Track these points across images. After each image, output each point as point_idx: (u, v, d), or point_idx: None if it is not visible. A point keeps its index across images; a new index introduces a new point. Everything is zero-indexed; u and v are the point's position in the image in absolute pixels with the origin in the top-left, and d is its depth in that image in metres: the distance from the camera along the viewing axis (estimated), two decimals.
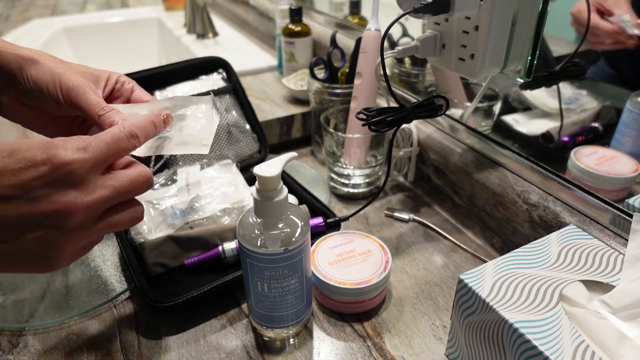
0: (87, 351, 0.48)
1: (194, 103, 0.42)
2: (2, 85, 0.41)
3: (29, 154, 0.31)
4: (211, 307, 0.52)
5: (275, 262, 0.42)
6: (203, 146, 0.41)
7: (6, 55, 0.40)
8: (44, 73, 0.41)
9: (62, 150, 0.32)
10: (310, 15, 1.05)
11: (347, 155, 0.68)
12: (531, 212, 0.54)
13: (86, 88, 0.41)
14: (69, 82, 0.40)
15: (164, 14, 1.56)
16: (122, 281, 0.56)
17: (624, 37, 0.51)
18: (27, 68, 0.40)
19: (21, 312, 0.52)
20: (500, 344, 0.38)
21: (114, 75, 0.45)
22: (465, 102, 0.68)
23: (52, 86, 0.40)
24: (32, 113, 0.44)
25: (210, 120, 0.42)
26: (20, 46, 0.41)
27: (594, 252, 0.44)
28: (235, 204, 0.60)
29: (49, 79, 0.40)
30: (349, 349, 0.48)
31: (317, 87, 0.75)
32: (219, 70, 0.76)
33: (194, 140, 0.41)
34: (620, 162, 0.52)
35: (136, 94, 0.45)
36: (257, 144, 0.75)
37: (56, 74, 0.41)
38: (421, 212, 0.68)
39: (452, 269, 0.58)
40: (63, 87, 0.40)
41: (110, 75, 0.45)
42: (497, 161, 0.60)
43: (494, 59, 0.51)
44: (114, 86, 0.45)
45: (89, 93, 0.41)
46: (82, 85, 0.41)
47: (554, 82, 0.60)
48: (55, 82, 0.40)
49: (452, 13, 0.47)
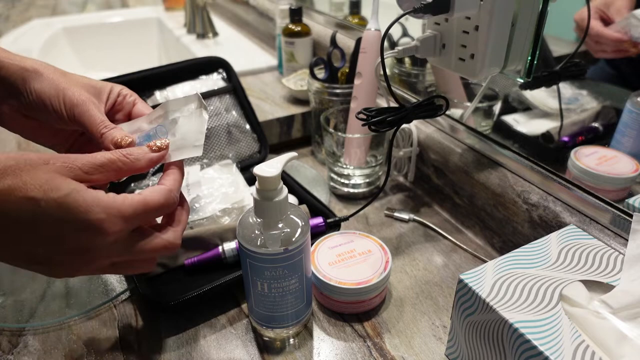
0: (87, 351, 0.48)
1: (183, 104, 0.42)
2: (3, 95, 0.41)
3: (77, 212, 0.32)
4: (211, 307, 0.52)
5: (275, 262, 0.42)
6: (195, 148, 0.40)
7: (9, 67, 0.40)
8: (47, 87, 0.40)
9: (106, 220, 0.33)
10: (310, 15, 1.05)
11: (347, 155, 0.68)
12: (531, 212, 0.54)
13: (90, 105, 0.41)
14: (73, 97, 0.40)
15: (164, 14, 1.56)
16: (122, 281, 0.56)
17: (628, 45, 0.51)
18: (30, 81, 0.40)
19: (21, 312, 0.52)
20: (500, 344, 0.39)
21: (116, 88, 0.44)
22: (465, 102, 0.68)
23: (55, 100, 0.40)
24: (33, 124, 0.43)
25: (200, 119, 0.41)
26: (23, 56, 0.41)
27: (594, 252, 0.44)
28: (235, 204, 0.61)
29: (53, 93, 0.40)
30: (349, 349, 0.48)
31: (317, 87, 0.75)
32: (219, 70, 0.76)
33: (187, 143, 0.41)
34: (620, 162, 0.52)
35: (137, 107, 0.45)
36: (257, 144, 0.75)
37: (60, 88, 0.40)
38: (421, 212, 0.68)
39: (452, 269, 0.58)
40: (67, 102, 0.40)
41: (113, 88, 0.44)
42: (497, 161, 0.60)
43: (494, 59, 0.51)
44: (115, 99, 0.44)
45: (93, 110, 0.41)
46: (86, 101, 0.40)
47: (554, 82, 0.60)
48: (60, 96, 0.40)
49: (452, 13, 0.47)
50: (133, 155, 0.37)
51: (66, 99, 0.40)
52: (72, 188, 0.32)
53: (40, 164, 0.32)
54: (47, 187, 0.32)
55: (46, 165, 0.32)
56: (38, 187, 0.31)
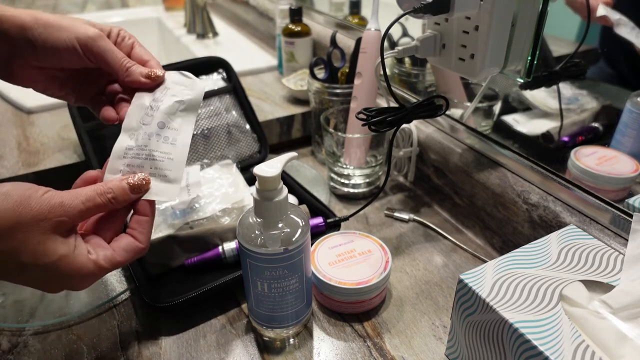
0: (87, 351, 0.48)
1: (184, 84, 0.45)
2: (12, 50, 0.41)
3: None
4: (211, 307, 0.52)
5: (275, 262, 0.42)
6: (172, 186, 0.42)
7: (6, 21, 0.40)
8: (53, 29, 0.41)
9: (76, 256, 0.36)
10: (310, 15, 1.05)
11: (347, 155, 0.68)
12: (531, 212, 0.54)
13: (105, 40, 0.42)
14: (88, 31, 0.41)
15: (164, 14, 1.56)
16: (122, 281, 0.56)
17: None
18: (33, 28, 0.40)
19: (21, 312, 0.52)
20: (500, 344, 0.38)
21: (115, 29, 0.45)
22: (465, 102, 0.68)
23: (66, 39, 0.41)
24: (44, 75, 0.44)
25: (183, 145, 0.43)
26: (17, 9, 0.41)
27: (594, 252, 0.44)
28: (235, 204, 0.60)
29: (61, 34, 0.41)
30: (349, 349, 0.48)
31: (317, 87, 0.75)
32: (219, 70, 0.76)
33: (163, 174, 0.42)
34: (620, 162, 0.52)
35: (136, 50, 0.46)
36: (257, 144, 0.75)
37: (66, 27, 0.41)
38: (421, 212, 0.68)
39: (452, 269, 0.58)
40: (80, 37, 0.41)
41: (112, 29, 0.45)
42: (497, 161, 0.60)
43: (494, 59, 0.51)
44: (115, 40, 0.45)
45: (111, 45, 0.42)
46: (102, 36, 0.42)
47: (554, 82, 0.60)
48: (70, 34, 0.41)
49: (452, 13, 0.47)
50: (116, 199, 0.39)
51: (78, 34, 0.41)
52: (61, 255, 0.35)
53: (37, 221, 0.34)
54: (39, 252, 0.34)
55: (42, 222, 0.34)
56: (29, 253, 0.34)
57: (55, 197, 0.35)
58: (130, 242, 0.40)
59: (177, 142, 0.42)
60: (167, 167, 0.42)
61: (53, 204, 0.35)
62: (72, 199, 0.36)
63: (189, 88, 0.45)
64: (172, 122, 0.43)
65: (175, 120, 0.43)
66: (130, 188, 0.40)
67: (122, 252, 0.39)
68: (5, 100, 0.90)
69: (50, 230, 0.34)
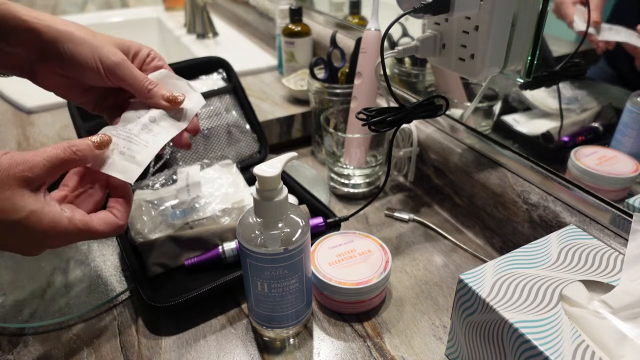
0: (87, 351, 0.48)
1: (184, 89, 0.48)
2: (39, 56, 0.42)
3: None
4: (211, 307, 0.52)
5: (275, 262, 0.42)
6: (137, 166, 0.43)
7: (41, 28, 0.41)
8: (82, 47, 0.42)
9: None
10: (310, 15, 1.05)
11: (347, 155, 0.68)
12: (531, 212, 0.54)
13: (128, 63, 0.43)
14: (110, 55, 0.43)
15: (164, 14, 1.56)
16: (122, 281, 0.56)
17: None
18: (64, 42, 0.42)
19: (21, 312, 0.52)
20: (500, 344, 0.39)
21: (145, 49, 0.47)
22: (465, 102, 0.68)
23: (91, 60, 0.42)
24: (66, 83, 0.45)
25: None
26: (52, 16, 0.42)
27: (594, 252, 0.44)
28: (235, 204, 0.61)
29: (88, 53, 0.42)
30: (349, 349, 0.48)
31: (317, 87, 0.75)
32: (219, 70, 0.76)
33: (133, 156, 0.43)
34: (620, 162, 0.52)
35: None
36: (257, 144, 0.75)
37: (94, 47, 0.42)
38: (421, 212, 0.68)
39: (452, 269, 0.58)
40: (104, 60, 0.42)
41: (142, 48, 0.46)
42: (497, 161, 0.60)
43: (494, 59, 0.51)
44: (144, 59, 0.46)
45: (133, 67, 0.44)
46: (125, 60, 0.43)
47: (554, 82, 0.60)
48: (95, 55, 0.42)
49: (452, 13, 0.47)
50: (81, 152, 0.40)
51: (102, 57, 0.42)
52: (31, 210, 0.35)
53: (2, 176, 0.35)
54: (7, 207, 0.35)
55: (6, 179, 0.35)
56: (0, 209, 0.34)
57: (16, 155, 0.36)
58: (109, 216, 0.41)
59: (159, 136, 0.44)
60: (138, 152, 0.43)
61: (13, 160, 0.35)
62: (35, 156, 0.37)
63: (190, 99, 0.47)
64: (163, 121, 0.45)
65: (167, 120, 0.46)
66: (93, 144, 0.40)
67: (100, 221, 0.40)
68: (5, 100, 0.90)
69: (17, 185, 0.35)
